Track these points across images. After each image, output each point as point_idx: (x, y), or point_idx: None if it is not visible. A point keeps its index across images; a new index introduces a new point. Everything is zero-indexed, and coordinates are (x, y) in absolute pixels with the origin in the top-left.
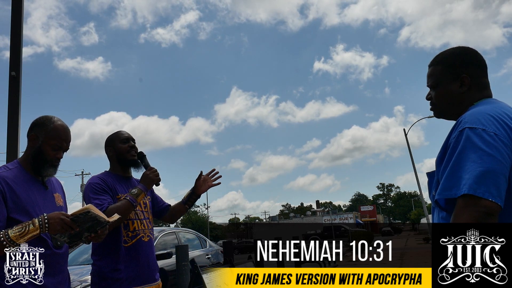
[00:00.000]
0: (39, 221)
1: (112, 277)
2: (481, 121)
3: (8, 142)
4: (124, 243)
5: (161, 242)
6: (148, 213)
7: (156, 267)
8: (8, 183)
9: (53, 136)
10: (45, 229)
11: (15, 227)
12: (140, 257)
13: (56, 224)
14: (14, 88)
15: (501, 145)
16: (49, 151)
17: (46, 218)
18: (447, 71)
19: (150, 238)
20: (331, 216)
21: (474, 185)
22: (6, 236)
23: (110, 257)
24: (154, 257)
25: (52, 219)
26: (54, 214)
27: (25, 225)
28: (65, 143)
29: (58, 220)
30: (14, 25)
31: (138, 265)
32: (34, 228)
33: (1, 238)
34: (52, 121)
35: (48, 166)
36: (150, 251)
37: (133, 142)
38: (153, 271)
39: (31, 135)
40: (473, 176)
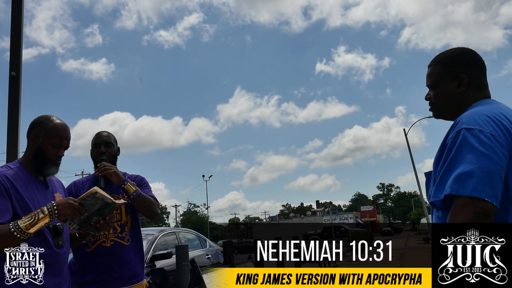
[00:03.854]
0: (48, 208)
1: (73, 280)
2: (478, 121)
3: (8, 142)
4: (87, 248)
5: (161, 242)
6: (121, 215)
7: (127, 271)
8: (10, 180)
9: (53, 135)
10: (54, 216)
11: (24, 218)
12: (98, 262)
13: (66, 209)
14: (14, 88)
15: (498, 145)
16: (50, 150)
17: (55, 204)
18: (446, 71)
19: (117, 242)
20: (331, 216)
21: (470, 186)
22: (16, 226)
23: (77, 261)
24: (123, 261)
25: (61, 205)
26: (62, 200)
27: (34, 214)
28: (65, 141)
29: (67, 205)
30: (14, 25)
31: (96, 270)
32: (44, 216)
33: (12, 229)
34: (51, 120)
35: (50, 165)
36: (114, 256)
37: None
38: (118, 275)
39: (31, 135)
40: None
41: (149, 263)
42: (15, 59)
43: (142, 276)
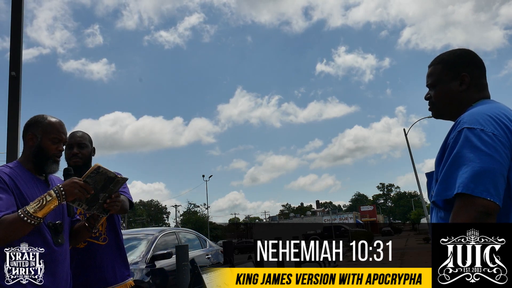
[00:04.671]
0: (54, 191)
1: None
2: (480, 121)
3: (8, 142)
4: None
5: (161, 242)
6: None
7: (103, 273)
8: (11, 177)
9: (50, 130)
10: (62, 198)
11: (32, 203)
12: (72, 266)
13: (72, 189)
14: (14, 88)
15: (500, 145)
16: (50, 145)
17: (61, 186)
18: (447, 70)
19: (91, 243)
20: (331, 216)
21: (471, 185)
22: (25, 211)
23: None
24: (98, 263)
25: (67, 185)
26: (66, 181)
27: (41, 198)
28: (63, 135)
29: (72, 184)
30: (14, 25)
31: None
32: (51, 198)
33: (21, 215)
34: (45, 117)
35: (51, 162)
36: (89, 257)
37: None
38: (95, 278)
39: (28, 135)
40: (471, 175)
41: (149, 263)
42: (15, 59)
43: (124, 277)
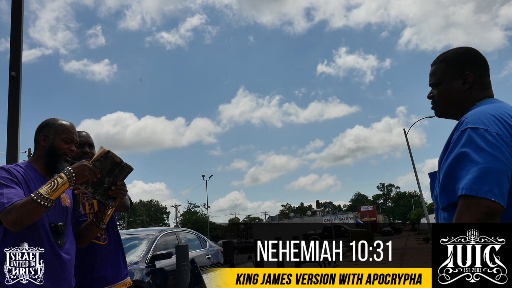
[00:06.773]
0: (65, 173)
1: None
2: (483, 121)
3: (8, 142)
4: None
5: (162, 242)
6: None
7: (104, 272)
8: (21, 174)
9: (62, 131)
10: (73, 180)
11: (43, 186)
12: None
13: (83, 171)
14: (14, 88)
15: (504, 145)
16: (62, 145)
17: (71, 168)
18: (451, 68)
19: (91, 242)
20: (331, 216)
21: (475, 186)
22: (38, 193)
23: None
24: (98, 262)
25: (77, 167)
26: (76, 164)
27: (52, 181)
28: (75, 136)
29: (82, 166)
30: (14, 26)
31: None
32: (63, 181)
33: (34, 197)
34: (56, 120)
35: (63, 161)
36: (89, 257)
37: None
38: (95, 277)
39: (40, 137)
40: (475, 176)
41: (149, 263)
42: (15, 59)
43: (123, 276)
